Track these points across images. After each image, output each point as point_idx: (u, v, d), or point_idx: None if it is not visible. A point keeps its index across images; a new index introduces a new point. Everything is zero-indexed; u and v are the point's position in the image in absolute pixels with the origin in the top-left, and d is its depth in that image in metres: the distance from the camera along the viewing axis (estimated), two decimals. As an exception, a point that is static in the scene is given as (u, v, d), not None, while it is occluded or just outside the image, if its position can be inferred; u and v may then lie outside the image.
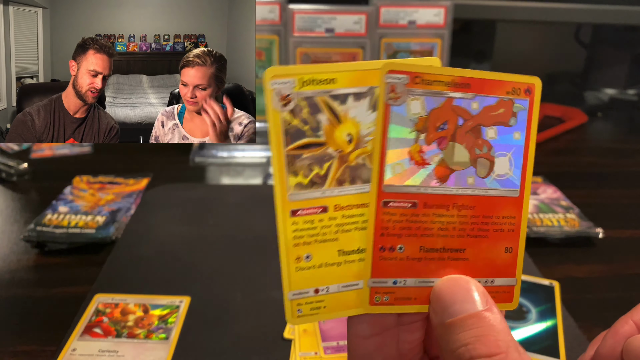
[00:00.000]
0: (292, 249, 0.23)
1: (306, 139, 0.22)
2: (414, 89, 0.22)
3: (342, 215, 0.23)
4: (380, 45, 0.73)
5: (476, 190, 0.24)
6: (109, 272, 0.50)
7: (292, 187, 0.23)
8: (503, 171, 0.24)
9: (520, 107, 0.24)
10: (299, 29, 0.68)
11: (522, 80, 0.24)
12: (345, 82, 0.22)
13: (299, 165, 0.23)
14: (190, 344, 0.41)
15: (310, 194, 0.23)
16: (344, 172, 0.23)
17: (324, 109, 0.22)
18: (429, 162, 0.23)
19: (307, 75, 0.22)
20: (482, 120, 0.23)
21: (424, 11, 0.72)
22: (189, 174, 0.72)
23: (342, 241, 0.23)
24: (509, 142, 0.24)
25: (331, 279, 0.23)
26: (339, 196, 0.23)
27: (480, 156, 0.24)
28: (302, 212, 0.23)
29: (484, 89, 0.23)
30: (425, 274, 0.23)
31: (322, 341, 0.40)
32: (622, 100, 1.04)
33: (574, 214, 0.59)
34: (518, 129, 0.24)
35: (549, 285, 0.47)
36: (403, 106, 0.22)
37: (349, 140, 0.23)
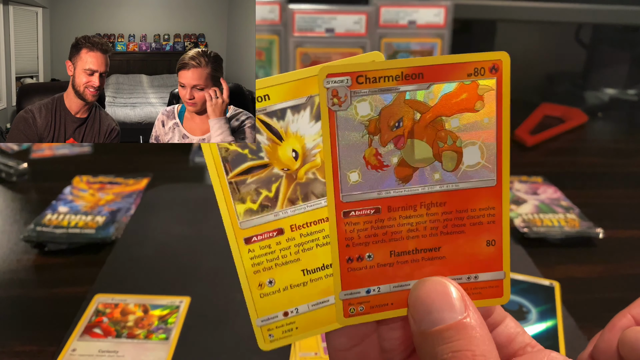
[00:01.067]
0: (252, 277, 0.22)
1: (248, 162, 0.21)
2: (359, 90, 0.21)
3: (300, 235, 0.22)
4: (380, 45, 0.73)
5: (445, 185, 0.22)
6: (109, 273, 0.50)
7: (241, 215, 0.22)
8: (474, 161, 0.22)
9: (486, 87, 0.21)
10: (299, 29, 0.68)
11: (485, 58, 0.21)
12: (279, 96, 0.21)
13: (245, 192, 0.22)
14: (190, 344, 0.41)
15: (262, 219, 0.22)
16: (294, 190, 0.22)
17: (262, 128, 0.21)
18: (387, 164, 0.22)
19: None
20: (442, 110, 0.21)
21: (424, 11, 0.72)
22: (189, 174, 0.72)
23: (304, 260, 0.22)
24: (478, 128, 0.22)
25: (299, 299, 0.22)
26: (294, 215, 0.22)
27: (445, 149, 0.22)
28: (257, 239, 0.22)
29: (440, 76, 0.21)
30: (399, 279, 0.22)
31: (322, 341, 0.40)
32: (622, 100, 1.04)
33: (574, 214, 0.59)
34: (486, 114, 0.21)
35: (549, 285, 0.47)
36: (349, 110, 0.21)
37: (295, 157, 0.22)
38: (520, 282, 0.47)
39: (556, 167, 0.76)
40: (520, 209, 0.60)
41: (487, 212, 0.22)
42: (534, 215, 0.58)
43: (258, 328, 0.22)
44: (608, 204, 0.65)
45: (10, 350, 0.41)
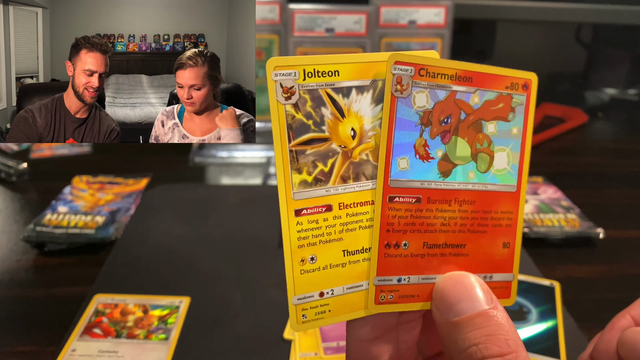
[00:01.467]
0: (296, 251, 0.22)
1: (310, 134, 0.22)
2: (420, 82, 0.22)
3: (346, 214, 0.22)
4: (380, 45, 0.73)
5: (476, 185, 0.23)
6: (109, 273, 0.49)
7: (296, 185, 0.22)
8: (501, 166, 0.24)
9: (518, 102, 0.24)
10: (299, 28, 0.68)
11: (520, 75, 0.23)
12: (348, 74, 0.22)
13: (302, 162, 0.22)
14: (190, 344, 0.41)
15: (314, 192, 0.22)
16: (347, 168, 0.22)
17: (328, 102, 0.22)
18: (433, 156, 0.23)
19: (309, 66, 0.21)
20: (482, 114, 0.23)
21: (425, 11, 0.72)
22: (189, 174, 0.72)
23: (346, 241, 0.23)
24: (507, 137, 0.24)
25: (336, 280, 0.23)
26: (343, 194, 0.22)
27: (481, 151, 0.23)
28: (307, 212, 0.22)
29: (485, 83, 0.23)
30: (427, 271, 0.23)
31: (322, 342, 0.40)
32: (623, 100, 1.04)
33: (574, 214, 0.59)
34: (516, 124, 0.24)
35: (550, 285, 0.47)
36: (409, 98, 0.22)
37: (353, 136, 0.22)
38: (520, 282, 0.47)
39: (556, 167, 0.76)
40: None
41: (507, 215, 0.24)
42: (534, 215, 0.58)
43: (293, 307, 0.22)
44: (608, 204, 0.65)
45: (10, 350, 0.41)
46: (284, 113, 0.21)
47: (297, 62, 0.21)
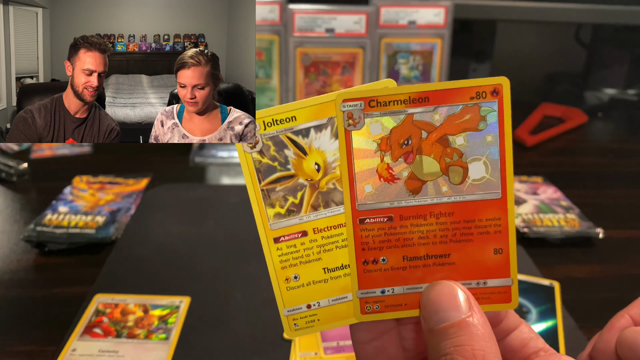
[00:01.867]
0: (280, 272, 0.25)
1: (277, 173, 0.25)
2: (372, 112, 0.24)
3: (321, 237, 0.25)
4: (380, 45, 0.73)
5: (452, 197, 0.24)
6: (109, 272, 0.50)
7: (271, 217, 0.25)
8: (479, 175, 0.24)
9: (488, 109, 0.24)
10: (299, 29, 0.68)
11: (486, 82, 0.23)
12: (304, 117, 0.24)
13: (274, 198, 0.25)
14: (190, 344, 0.41)
15: (289, 222, 0.25)
16: (317, 197, 0.25)
17: (289, 144, 0.24)
18: (398, 177, 0.24)
19: (268, 117, 0.24)
20: (447, 129, 0.24)
21: (424, 11, 0.72)
22: (189, 174, 0.72)
23: (325, 260, 0.25)
24: (482, 146, 0.24)
25: (320, 294, 0.25)
26: (316, 220, 0.25)
27: (451, 164, 0.24)
28: (284, 238, 0.25)
29: (445, 99, 0.23)
30: (412, 281, 0.24)
31: (322, 341, 0.40)
32: (622, 100, 1.04)
33: (574, 214, 0.59)
34: (489, 132, 0.24)
35: (549, 285, 0.47)
36: (363, 129, 0.24)
37: (317, 169, 0.25)
38: (520, 282, 0.47)
39: (556, 167, 0.76)
40: (520, 209, 0.60)
41: (494, 222, 0.24)
42: (534, 215, 0.58)
43: (284, 317, 0.25)
44: (608, 204, 0.65)
45: (10, 350, 0.41)
46: (251, 160, 0.25)
47: (257, 115, 0.24)
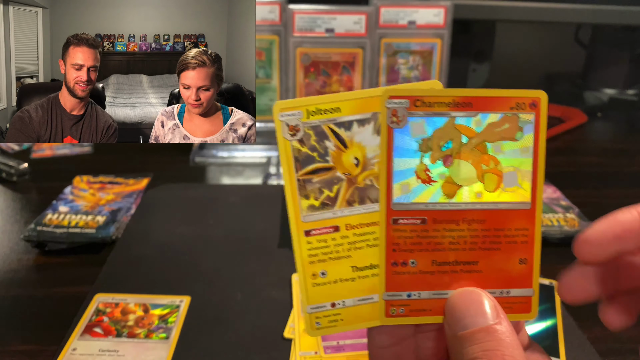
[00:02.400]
0: (308, 266, 0.24)
1: (315, 164, 0.24)
2: (416, 112, 0.23)
3: (353, 234, 0.24)
4: (380, 46, 0.73)
5: (485, 204, 0.24)
6: (109, 272, 0.50)
7: (304, 209, 0.24)
8: (512, 185, 0.24)
9: (526, 120, 0.24)
10: (299, 29, 0.68)
11: (527, 95, 0.24)
12: (348, 110, 0.24)
13: (310, 189, 0.24)
14: (191, 343, 0.41)
15: (322, 215, 0.24)
16: (352, 193, 0.24)
17: (330, 136, 0.24)
18: (435, 179, 0.24)
19: (312, 106, 0.23)
20: (486, 136, 0.24)
21: (424, 11, 0.72)
22: (189, 174, 0.72)
23: (355, 258, 0.24)
24: (517, 156, 0.24)
25: (346, 293, 0.24)
26: (350, 216, 0.24)
27: (487, 171, 0.24)
28: (315, 232, 0.24)
29: (487, 107, 0.24)
30: (439, 287, 0.24)
31: (322, 341, 0.40)
32: (622, 100, 1.04)
33: (573, 213, 0.59)
34: (525, 143, 0.24)
35: (549, 284, 0.47)
36: (406, 128, 0.24)
37: (356, 164, 0.24)
38: (519, 281, 0.47)
39: (556, 167, 0.76)
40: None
41: (522, 232, 0.24)
42: (533, 215, 0.58)
43: (307, 315, 0.24)
44: (608, 204, 0.66)
45: (11, 350, 0.41)
46: (290, 148, 0.24)
47: (300, 103, 0.23)
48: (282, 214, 0.60)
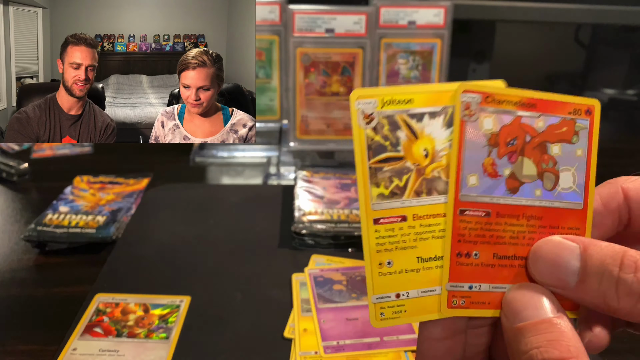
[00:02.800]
0: (375, 255, 0.25)
1: (387, 153, 0.25)
2: (486, 107, 0.25)
3: (420, 224, 0.25)
4: (380, 46, 0.73)
5: (543, 202, 0.25)
6: (110, 272, 0.50)
7: (374, 197, 0.25)
8: (567, 185, 0.26)
9: (581, 126, 0.26)
10: (299, 29, 0.68)
11: (583, 102, 0.26)
12: (421, 102, 0.25)
13: (380, 177, 0.25)
14: (191, 343, 0.41)
15: (390, 204, 0.25)
16: (421, 184, 0.25)
17: (403, 126, 0.25)
18: (500, 174, 0.25)
19: (387, 96, 0.24)
20: (547, 137, 0.25)
21: (424, 11, 0.72)
22: (189, 174, 0.73)
23: (420, 248, 0.25)
24: (572, 158, 0.26)
25: (411, 284, 0.25)
26: (417, 206, 0.25)
27: (546, 170, 0.26)
28: (384, 221, 0.25)
29: (549, 109, 0.25)
30: (498, 280, 0.25)
31: (322, 340, 0.40)
32: (622, 101, 1.05)
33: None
34: (580, 146, 0.26)
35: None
36: (477, 122, 0.25)
37: (426, 155, 0.25)
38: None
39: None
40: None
41: (574, 231, 0.25)
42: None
43: (372, 304, 0.25)
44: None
45: (11, 349, 0.41)
46: (364, 135, 0.25)
47: (376, 92, 0.24)
48: (282, 214, 0.60)
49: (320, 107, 0.70)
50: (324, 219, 0.54)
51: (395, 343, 0.40)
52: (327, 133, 0.71)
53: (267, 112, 0.76)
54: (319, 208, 0.56)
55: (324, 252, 0.52)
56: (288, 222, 0.57)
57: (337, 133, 0.71)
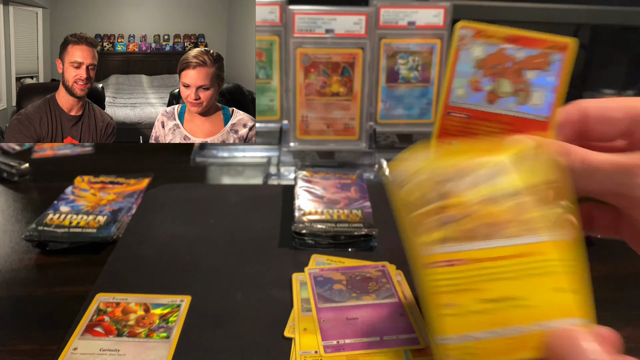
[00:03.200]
0: (433, 298, 0.26)
1: (437, 203, 0.27)
2: (477, 40, 0.32)
3: (474, 268, 0.26)
4: (380, 46, 0.73)
5: (515, 112, 0.32)
6: (110, 272, 0.50)
7: (424, 244, 0.27)
8: (537, 102, 0.31)
9: (555, 58, 0.31)
10: (299, 29, 0.68)
11: (559, 39, 0.31)
12: (452, 166, 0.28)
13: (428, 225, 0.27)
14: (191, 342, 0.41)
15: (444, 249, 0.26)
16: (471, 229, 0.27)
17: (442, 183, 0.28)
18: (482, 89, 0.32)
19: (431, 166, 0.28)
20: (525, 65, 0.31)
21: (424, 12, 0.72)
22: (190, 174, 0.73)
23: (479, 290, 0.26)
24: (544, 82, 0.31)
25: (476, 326, 0.25)
26: (469, 251, 0.26)
27: (521, 90, 0.32)
28: (437, 265, 0.26)
29: (529, 44, 0.31)
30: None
31: (322, 340, 0.40)
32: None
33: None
34: (552, 74, 0.31)
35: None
36: (469, 51, 0.32)
37: (470, 205, 0.27)
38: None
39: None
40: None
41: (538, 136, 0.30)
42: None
43: (436, 346, 0.26)
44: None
45: (12, 349, 0.41)
46: (403, 194, 0.28)
47: (423, 163, 0.28)
48: (282, 214, 0.60)
49: (320, 108, 0.70)
50: (324, 219, 0.54)
51: (395, 342, 0.40)
52: (327, 133, 0.71)
53: (267, 112, 0.76)
54: (319, 208, 0.56)
55: (324, 251, 0.53)
56: (288, 221, 0.57)
57: (337, 133, 0.71)
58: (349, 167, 0.71)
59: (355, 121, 0.70)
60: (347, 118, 0.70)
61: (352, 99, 0.70)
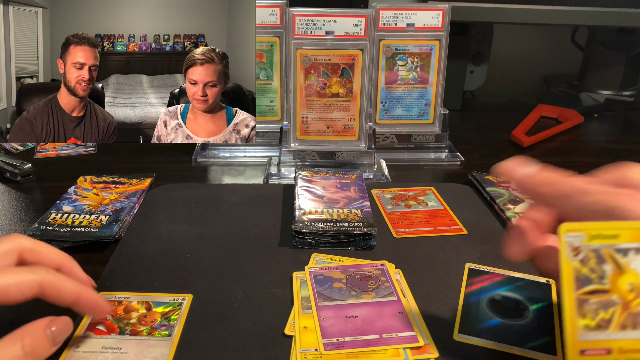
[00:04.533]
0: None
1: (593, 285, 0.26)
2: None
3: (626, 358, 0.25)
4: (379, 47, 0.74)
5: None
6: (113, 270, 0.50)
7: (581, 328, 0.25)
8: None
9: None
10: (299, 31, 0.69)
11: None
12: (627, 237, 0.25)
13: (587, 309, 0.25)
14: (193, 340, 0.42)
15: (596, 336, 0.25)
16: (626, 318, 0.25)
17: (609, 260, 0.26)
18: None
19: (594, 230, 0.25)
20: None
21: (423, 14, 0.73)
22: (192, 174, 0.73)
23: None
24: None
25: None
26: (623, 340, 0.25)
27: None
28: (589, 352, 0.25)
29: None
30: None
31: (322, 338, 0.41)
32: (618, 102, 1.05)
33: (569, 214, 0.60)
34: None
35: (546, 282, 0.48)
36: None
37: (631, 289, 0.25)
38: (517, 279, 0.48)
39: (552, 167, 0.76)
40: (518, 209, 0.61)
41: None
42: (530, 215, 0.59)
43: None
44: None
45: (17, 346, 0.42)
46: (572, 267, 0.25)
47: (584, 227, 0.25)
48: (282, 213, 0.60)
49: (320, 108, 0.71)
50: (324, 218, 0.55)
51: (395, 340, 0.41)
52: (327, 134, 0.72)
53: (267, 113, 0.77)
54: (319, 207, 0.57)
55: (324, 250, 0.53)
56: (288, 221, 0.58)
57: (336, 134, 0.72)
58: (349, 167, 0.72)
59: (355, 122, 0.71)
60: (346, 119, 0.70)
61: (351, 100, 0.70)
